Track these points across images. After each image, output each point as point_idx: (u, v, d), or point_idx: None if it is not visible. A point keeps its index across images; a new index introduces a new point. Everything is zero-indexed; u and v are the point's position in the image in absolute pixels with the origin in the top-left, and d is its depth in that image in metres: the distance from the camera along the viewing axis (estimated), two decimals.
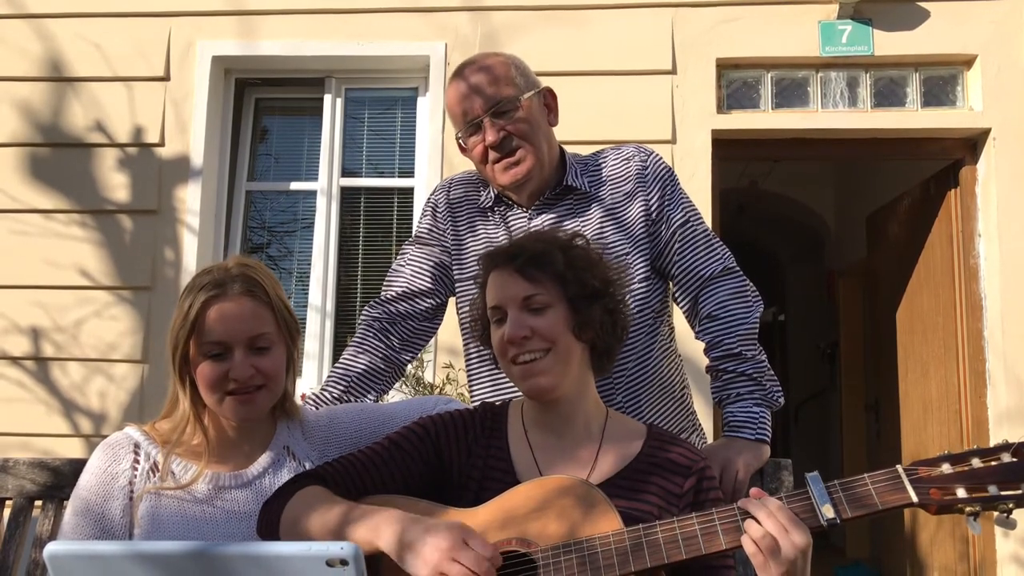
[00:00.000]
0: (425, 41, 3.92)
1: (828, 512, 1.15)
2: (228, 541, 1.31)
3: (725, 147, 3.85)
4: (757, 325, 1.72)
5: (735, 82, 3.94)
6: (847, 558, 5.79)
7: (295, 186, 4.18)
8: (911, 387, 4.50)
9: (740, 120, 3.89)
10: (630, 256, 1.75)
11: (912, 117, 3.87)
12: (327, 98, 4.10)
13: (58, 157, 3.95)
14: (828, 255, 7.05)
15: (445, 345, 3.58)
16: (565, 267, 1.35)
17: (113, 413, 3.75)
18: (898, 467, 1.18)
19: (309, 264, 4.02)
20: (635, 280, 1.73)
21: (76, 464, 1.70)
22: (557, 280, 1.35)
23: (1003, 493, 1.12)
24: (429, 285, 1.87)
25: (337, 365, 1.85)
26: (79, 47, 4.00)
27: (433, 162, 3.86)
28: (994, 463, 1.14)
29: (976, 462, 1.15)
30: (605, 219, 1.78)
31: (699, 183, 3.71)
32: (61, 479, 1.73)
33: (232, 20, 4.00)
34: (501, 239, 1.77)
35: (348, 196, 4.11)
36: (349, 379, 1.80)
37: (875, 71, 3.89)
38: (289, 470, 1.46)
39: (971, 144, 3.89)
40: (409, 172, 4.09)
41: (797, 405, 7.44)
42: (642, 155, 1.83)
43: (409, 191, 4.06)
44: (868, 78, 3.89)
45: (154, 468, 1.42)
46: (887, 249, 4.90)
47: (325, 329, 3.93)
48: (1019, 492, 1.12)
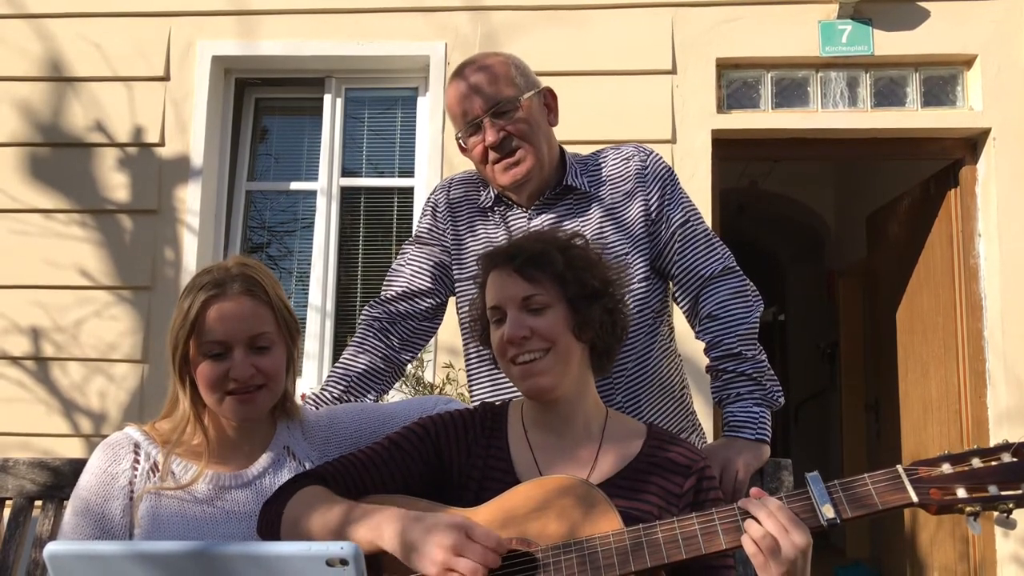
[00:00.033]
0: (425, 41, 3.93)
1: (828, 512, 1.15)
2: (228, 541, 1.31)
3: (725, 147, 3.85)
4: (757, 325, 1.72)
5: (735, 82, 3.94)
6: (847, 558, 5.79)
7: (295, 186, 4.18)
8: (911, 387, 4.50)
9: (740, 120, 3.89)
10: (630, 256, 1.75)
11: (912, 117, 3.87)
12: (327, 98, 4.10)
13: (58, 157, 3.95)
14: (828, 255, 7.05)
15: (445, 345, 3.58)
16: (564, 267, 1.35)
17: (113, 413, 3.75)
18: (898, 467, 1.18)
19: (309, 264, 4.02)
20: (635, 280, 1.73)
21: (76, 464, 1.70)
22: (556, 280, 1.35)
23: (1003, 493, 1.12)
24: (429, 285, 1.87)
25: (337, 365, 1.85)
26: (79, 47, 4.00)
27: (433, 162, 3.86)
28: (994, 463, 1.14)
29: (976, 462, 1.15)
30: (605, 219, 1.77)
31: (699, 183, 3.71)
32: (61, 479, 1.73)
33: (232, 20, 4.00)
34: (501, 239, 1.77)
35: (348, 196, 4.11)
36: (349, 379, 1.80)
37: (875, 71, 3.89)
38: (289, 470, 1.46)
39: (971, 144, 3.89)
40: (409, 172, 4.09)
41: (797, 405, 7.44)
42: (642, 155, 1.82)
43: (409, 191, 4.06)
44: (868, 78, 3.89)
45: (154, 468, 1.42)
46: (887, 249, 4.90)
47: (325, 329, 3.93)
48: (1019, 492, 1.12)
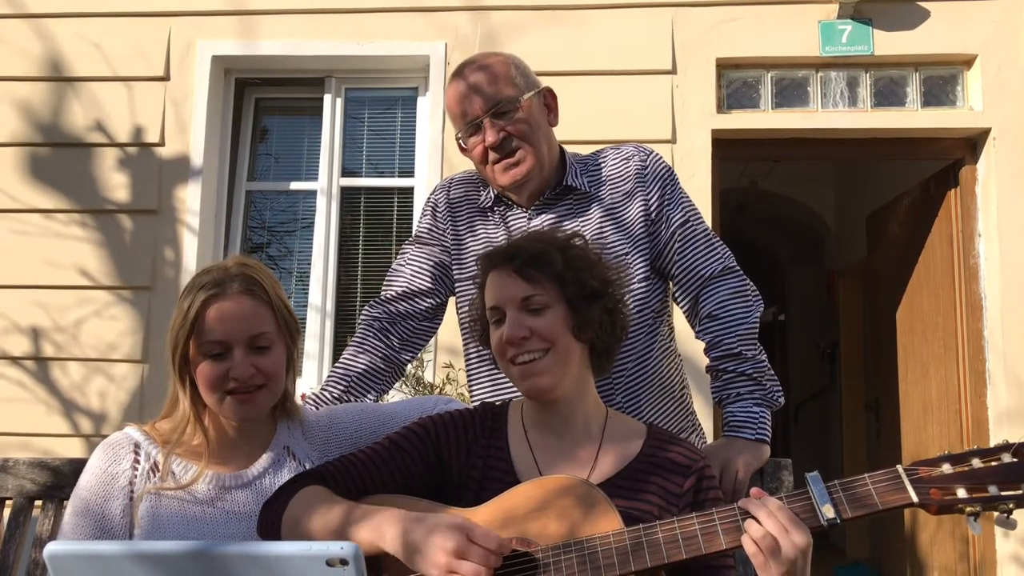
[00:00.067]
0: (425, 41, 3.92)
1: (828, 512, 1.15)
2: (228, 541, 1.31)
3: (725, 147, 3.85)
4: (757, 325, 1.72)
5: (735, 82, 3.94)
6: (847, 558, 5.79)
7: (295, 186, 4.18)
8: (911, 387, 4.50)
9: (740, 120, 3.89)
10: (630, 256, 1.75)
11: (912, 117, 3.87)
12: (327, 98, 4.10)
13: (58, 157, 3.95)
14: (828, 255, 7.05)
15: (445, 345, 3.58)
16: (564, 267, 1.35)
17: (113, 413, 3.75)
18: (898, 467, 1.18)
19: (309, 264, 4.02)
20: (635, 280, 1.73)
21: (76, 464, 1.70)
22: (556, 280, 1.35)
23: (1003, 493, 1.12)
24: (429, 285, 1.87)
25: (337, 365, 1.85)
26: (79, 47, 4.00)
27: (433, 162, 3.86)
28: (994, 463, 1.14)
29: (976, 462, 1.15)
30: (605, 219, 1.77)
31: (699, 183, 3.71)
32: (61, 479, 1.73)
33: (232, 20, 4.00)
34: (501, 239, 1.77)
35: (348, 196, 4.11)
36: (349, 379, 1.80)
37: (875, 71, 3.89)
38: (289, 470, 1.46)
39: (971, 144, 3.89)
40: (409, 172, 4.09)
41: (797, 405, 7.44)
42: (641, 155, 1.82)
43: (409, 191, 4.06)
44: (868, 78, 3.89)
45: (154, 468, 1.42)
46: (887, 249, 4.90)
47: (325, 329, 3.93)
48: (1019, 492, 1.12)
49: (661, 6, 3.86)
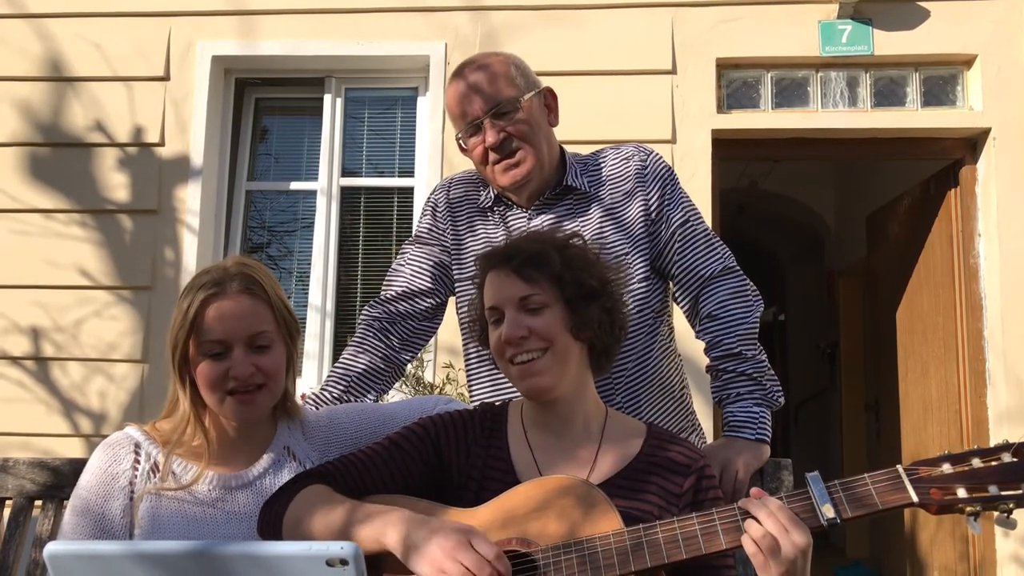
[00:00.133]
0: (425, 41, 3.92)
1: (828, 512, 1.15)
2: (228, 541, 1.31)
3: (725, 147, 3.85)
4: (757, 325, 1.72)
5: (735, 82, 3.94)
6: (847, 558, 5.79)
7: (295, 186, 4.18)
8: (911, 387, 4.50)
9: (740, 120, 3.89)
10: (630, 256, 1.75)
11: (912, 117, 3.87)
12: (327, 98, 4.10)
13: (58, 157, 3.95)
14: (828, 255, 7.05)
15: (445, 345, 3.58)
16: (562, 267, 1.35)
17: (113, 413, 3.75)
18: (898, 467, 1.18)
19: (309, 264, 4.02)
20: (635, 280, 1.73)
21: (76, 464, 1.69)
22: (554, 280, 1.35)
23: (1003, 493, 1.12)
24: (429, 285, 1.87)
25: (337, 365, 1.85)
26: (79, 47, 4.00)
27: (433, 162, 3.86)
28: (994, 463, 1.14)
29: (976, 462, 1.15)
30: (605, 219, 1.77)
31: (699, 183, 3.71)
32: (61, 479, 1.73)
33: (232, 20, 4.00)
34: (500, 239, 1.77)
35: (348, 196, 4.11)
36: (349, 379, 1.80)
37: (875, 71, 3.89)
38: (290, 471, 1.46)
39: (971, 144, 3.89)
40: (409, 172, 4.09)
41: (797, 405, 7.44)
42: (641, 154, 1.82)
43: (409, 191, 4.06)
44: (868, 78, 3.89)
45: (155, 468, 1.41)
46: (887, 249, 4.90)
47: (325, 329, 3.93)
48: (1019, 492, 1.12)
49: (661, 6, 3.86)
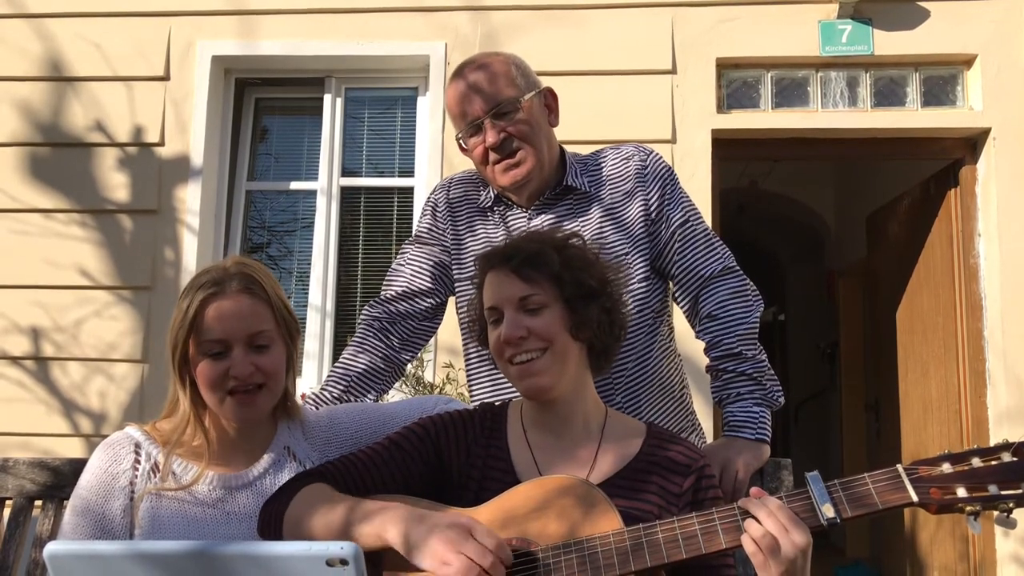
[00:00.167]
0: (425, 41, 3.92)
1: (828, 511, 1.15)
2: (228, 541, 1.31)
3: (725, 147, 3.85)
4: (757, 325, 1.72)
5: (735, 82, 3.94)
6: (847, 558, 5.79)
7: (295, 186, 4.18)
8: (911, 387, 4.50)
9: (740, 120, 3.89)
10: (630, 256, 1.75)
11: (912, 117, 3.86)
12: (327, 98, 4.10)
13: (58, 157, 3.95)
14: (828, 255, 7.05)
15: (445, 345, 3.58)
16: (561, 267, 1.35)
17: (113, 413, 3.75)
18: (898, 466, 1.18)
19: (309, 264, 4.02)
20: (634, 280, 1.73)
21: (76, 464, 1.70)
22: (553, 280, 1.35)
23: (1003, 492, 1.12)
24: (429, 285, 1.87)
25: (337, 365, 1.84)
26: (79, 47, 4.00)
27: (433, 162, 3.86)
28: (994, 462, 1.14)
29: (976, 461, 1.15)
30: (605, 219, 1.77)
31: (699, 183, 3.71)
32: (61, 479, 1.73)
33: (232, 20, 4.00)
34: (500, 239, 1.76)
35: (348, 196, 4.11)
36: (349, 379, 1.80)
37: (875, 71, 3.89)
38: (290, 471, 1.46)
39: (971, 144, 3.89)
40: (409, 172, 4.09)
41: (797, 405, 7.43)
42: (641, 154, 1.82)
43: (409, 191, 4.06)
44: (868, 78, 3.89)
45: (155, 468, 1.41)
46: (887, 249, 4.90)
47: (325, 329, 3.93)
48: (1019, 491, 1.12)
49: (661, 6, 3.86)
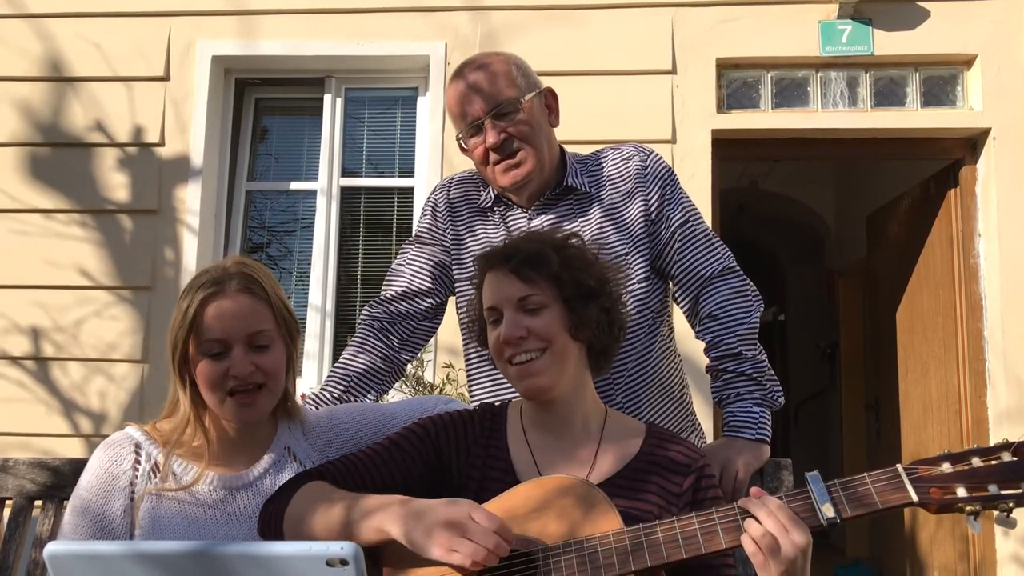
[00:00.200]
0: (425, 41, 3.92)
1: (828, 511, 1.15)
2: (228, 541, 1.31)
3: (725, 147, 3.85)
4: (757, 325, 1.72)
5: (735, 82, 3.94)
6: (847, 557, 5.79)
7: (295, 186, 4.18)
8: (911, 387, 4.50)
9: (740, 120, 3.89)
10: (630, 256, 1.75)
11: (912, 117, 3.86)
12: (327, 98, 4.10)
13: (58, 157, 3.95)
14: (828, 255, 7.05)
15: (445, 345, 3.58)
16: (560, 267, 1.35)
17: (113, 413, 3.75)
18: (898, 466, 1.18)
19: (309, 264, 4.02)
20: (635, 280, 1.73)
21: (76, 464, 1.70)
22: (552, 280, 1.35)
23: (1003, 492, 1.12)
24: (429, 285, 1.87)
25: (337, 365, 1.84)
26: (79, 47, 4.00)
27: (433, 162, 3.86)
28: (994, 462, 1.14)
29: (976, 461, 1.15)
30: (605, 219, 1.77)
31: (699, 183, 3.71)
32: (61, 479, 1.73)
33: (232, 20, 4.00)
34: (500, 239, 1.76)
35: (348, 196, 4.11)
36: (349, 379, 1.80)
37: (875, 71, 3.89)
38: (290, 471, 1.46)
39: (971, 144, 3.89)
40: (409, 172, 4.09)
41: (797, 405, 7.44)
42: (641, 155, 1.82)
43: (409, 191, 4.06)
44: (868, 78, 3.89)
45: (155, 469, 1.41)
46: (887, 249, 4.90)
47: (325, 329, 3.93)
48: (1019, 491, 1.12)
49: (661, 6, 3.86)
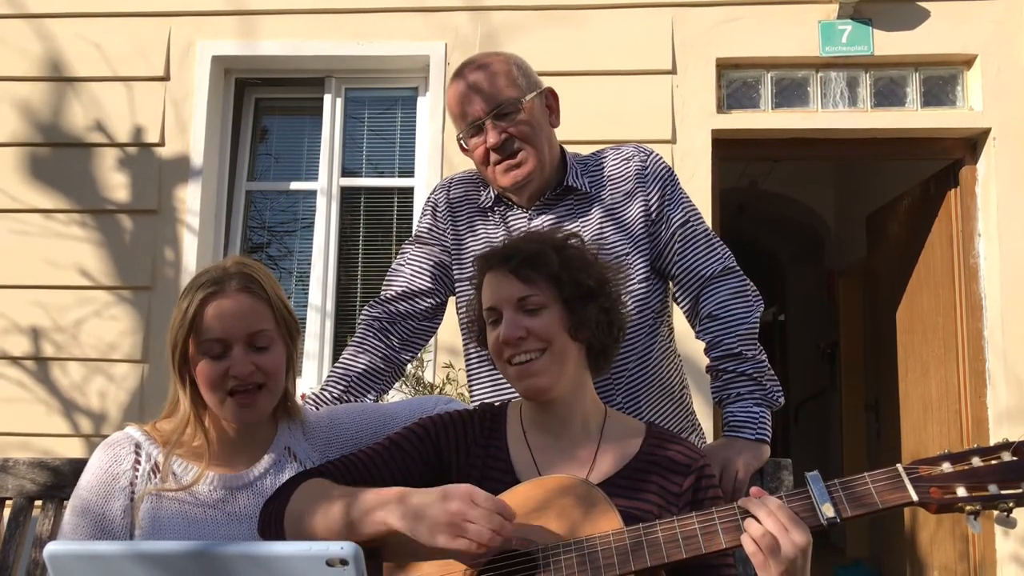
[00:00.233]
0: (425, 41, 3.92)
1: (828, 511, 1.15)
2: (229, 541, 1.31)
3: (725, 147, 3.85)
4: (757, 325, 1.72)
5: (735, 82, 3.94)
6: (847, 557, 5.79)
7: (295, 186, 4.18)
8: (911, 387, 4.50)
9: (740, 120, 3.89)
10: (630, 256, 1.75)
11: (912, 117, 3.86)
12: (327, 98, 4.10)
13: (58, 157, 3.95)
14: (828, 255, 7.05)
15: (445, 345, 3.58)
16: (560, 267, 1.35)
17: (113, 413, 3.75)
18: (898, 466, 1.18)
19: (309, 264, 4.02)
20: (635, 280, 1.73)
21: (76, 464, 1.70)
22: (552, 280, 1.35)
23: (1003, 492, 1.12)
24: (429, 285, 1.87)
25: (337, 365, 1.84)
26: (79, 47, 4.00)
27: (433, 162, 3.86)
28: (994, 462, 1.14)
29: (976, 461, 1.15)
30: (605, 219, 1.77)
31: (699, 183, 3.71)
32: (61, 479, 1.73)
33: (232, 20, 4.00)
34: (501, 239, 1.76)
35: (348, 196, 4.11)
36: (349, 379, 1.80)
37: (875, 71, 3.89)
38: (291, 471, 1.45)
39: (971, 144, 3.89)
40: (409, 172, 4.09)
41: (797, 405, 7.44)
42: (642, 155, 1.82)
43: (409, 191, 4.06)
44: (868, 78, 3.89)
45: (155, 469, 1.41)
46: (887, 249, 4.90)
47: (325, 329, 3.93)
48: (1019, 491, 1.12)
49: (661, 6, 3.86)
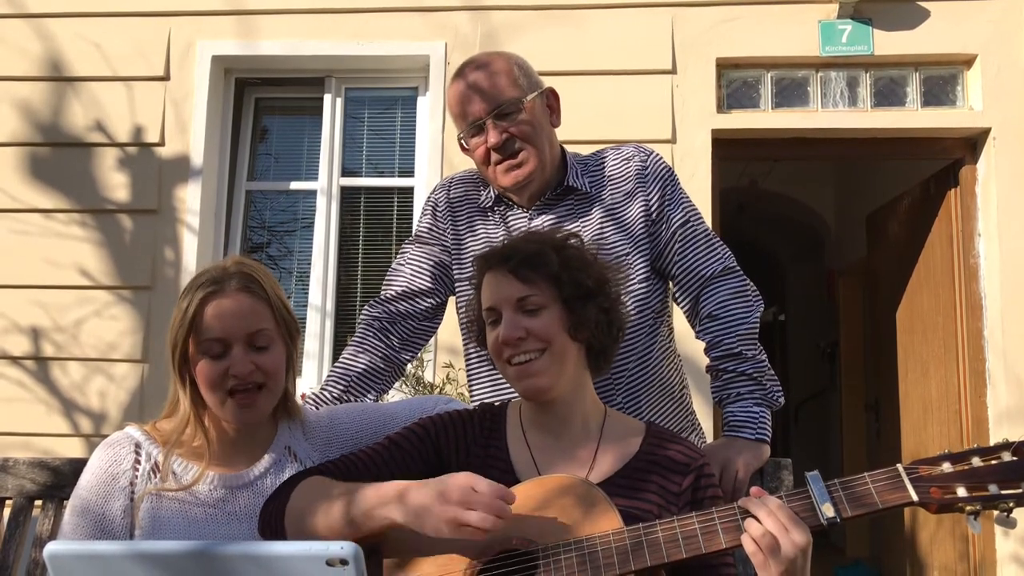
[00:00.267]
0: (425, 41, 3.93)
1: (828, 511, 1.15)
2: (229, 541, 1.31)
3: (725, 147, 3.85)
4: (757, 325, 1.72)
5: (735, 82, 3.94)
6: (847, 557, 5.79)
7: (295, 186, 4.18)
8: (911, 387, 4.50)
9: (740, 120, 3.89)
10: (630, 256, 1.75)
11: (912, 117, 3.87)
12: (327, 98, 4.10)
13: (58, 157, 3.95)
14: (828, 255, 7.05)
15: (445, 345, 3.58)
16: (559, 267, 1.35)
17: (113, 413, 3.75)
18: (898, 466, 1.18)
19: (309, 264, 4.02)
20: (635, 280, 1.73)
21: (76, 464, 1.70)
22: (551, 281, 1.34)
23: (1003, 492, 1.12)
24: (429, 284, 1.87)
25: (337, 365, 1.84)
26: (79, 47, 4.00)
27: (433, 162, 3.86)
28: (994, 462, 1.14)
29: (976, 461, 1.15)
30: (605, 219, 1.77)
31: (699, 183, 3.71)
32: (61, 479, 1.73)
33: (232, 20, 4.00)
34: (501, 239, 1.76)
35: (348, 196, 4.11)
36: (349, 379, 1.80)
37: (875, 71, 3.89)
38: (291, 471, 1.45)
39: (971, 144, 3.89)
40: (409, 172, 4.09)
41: (797, 405, 7.44)
42: (642, 155, 1.82)
43: (409, 191, 4.06)
44: (868, 78, 3.89)
45: (155, 468, 1.41)
46: (887, 249, 4.90)
47: (325, 329, 3.93)
48: (1019, 491, 1.12)
49: (661, 6, 3.86)
